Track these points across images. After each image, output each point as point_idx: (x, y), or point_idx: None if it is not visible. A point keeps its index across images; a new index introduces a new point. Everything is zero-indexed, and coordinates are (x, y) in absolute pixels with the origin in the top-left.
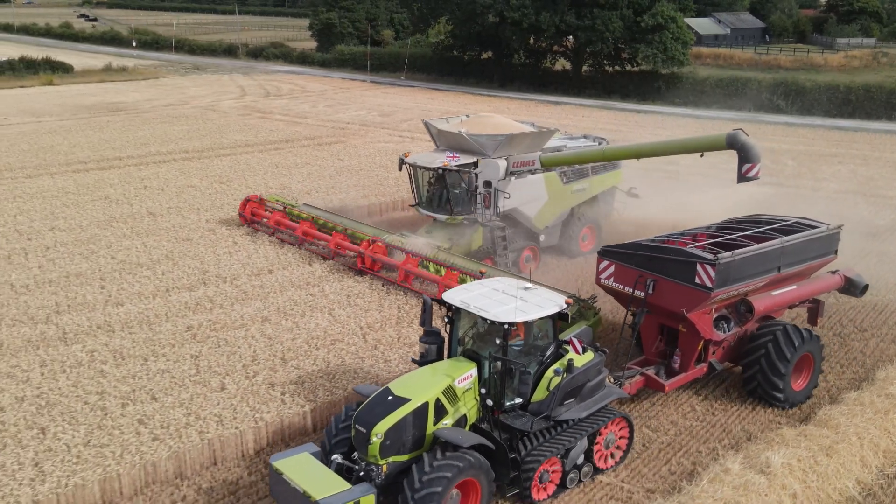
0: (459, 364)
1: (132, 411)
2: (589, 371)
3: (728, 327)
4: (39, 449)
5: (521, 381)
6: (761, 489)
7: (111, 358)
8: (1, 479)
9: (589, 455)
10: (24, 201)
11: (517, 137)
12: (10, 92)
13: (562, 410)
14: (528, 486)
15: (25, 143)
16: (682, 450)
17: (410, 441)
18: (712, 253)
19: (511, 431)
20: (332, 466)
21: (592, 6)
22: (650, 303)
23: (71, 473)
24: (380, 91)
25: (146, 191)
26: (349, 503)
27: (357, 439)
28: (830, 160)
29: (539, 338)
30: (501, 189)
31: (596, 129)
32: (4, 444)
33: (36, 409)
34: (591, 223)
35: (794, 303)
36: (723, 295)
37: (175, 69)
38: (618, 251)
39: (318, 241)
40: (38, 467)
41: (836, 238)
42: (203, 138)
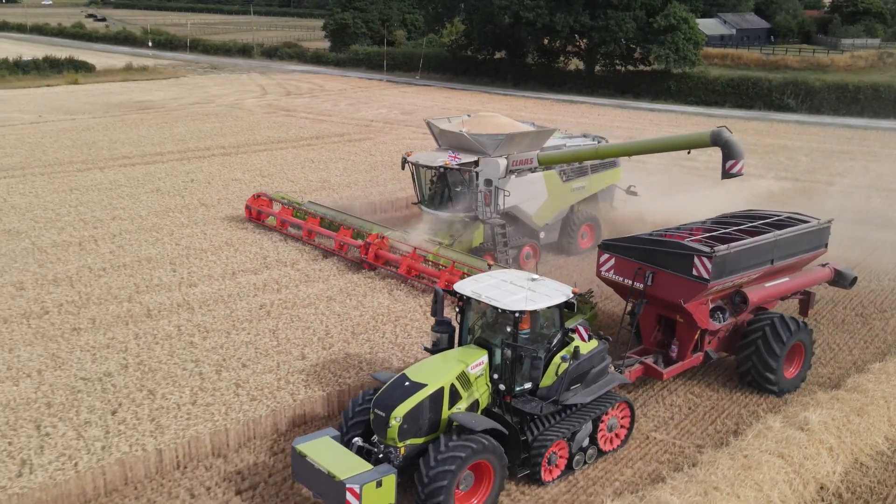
0: (471, 351)
1: (227, 376)
2: (593, 358)
3: (723, 317)
4: (153, 407)
5: (533, 367)
6: (801, 443)
7: (196, 332)
8: (125, 432)
9: (594, 438)
10: (81, 193)
11: (517, 137)
12: (38, 91)
13: (568, 395)
14: (538, 467)
15: (68, 140)
16: (724, 412)
17: (427, 424)
18: (709, 246)
19: (521, 415)
20: (353, 449)
21: (606, 7)
22: (649, 294)
23: (185, 427)
24: (397, 90)
25: (193, 184)
26: (372, 482)
27: (376, 423)
28: (842, 157)
29: (546, 326)
30: (502, 187)
31: (613, 128)
32: (120, 403)
33: (141, 374)
34: (590, 221)
35: (787, 294)
36: (719, 286)
37: (193, 69)
38: (618, 245)
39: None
40: (154, 422)
41: (826, 232)
42: (236, 135)
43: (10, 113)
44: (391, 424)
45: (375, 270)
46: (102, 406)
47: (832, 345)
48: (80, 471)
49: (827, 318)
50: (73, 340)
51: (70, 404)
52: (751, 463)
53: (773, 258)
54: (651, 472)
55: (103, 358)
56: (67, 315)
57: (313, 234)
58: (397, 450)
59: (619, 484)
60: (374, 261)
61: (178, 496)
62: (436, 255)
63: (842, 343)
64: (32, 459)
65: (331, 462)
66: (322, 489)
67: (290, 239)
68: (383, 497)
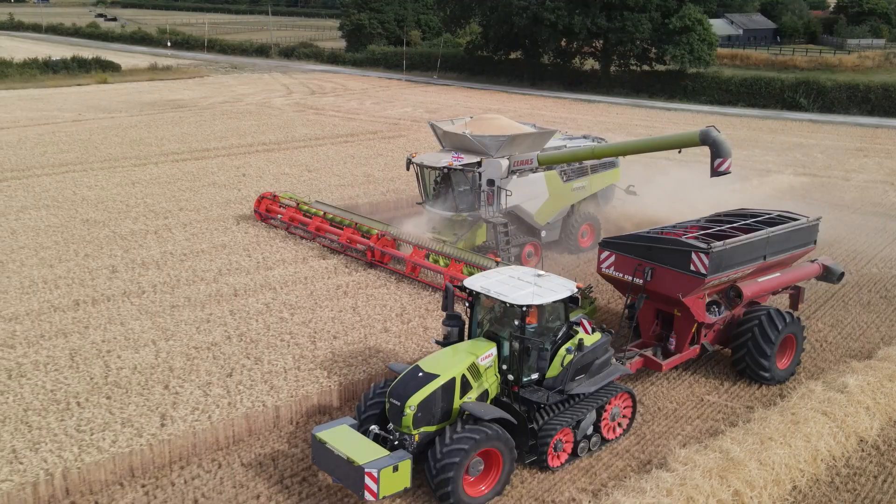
0: (481, 344)
1: (322, 346)
2: (597, 350)
3: (719, 311)
4: (263, 371)
5: (540, 358)
6: (841, 403)
7: (284, 308)
8: (244, 391)
9: (597, 426)
10: (143, 186)
11: (519, 138)
12: (70, 89)
13: (573, 385)
14: (545, 453)
15: (115, 137)
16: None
17: (439, 413)
18: (705, 242)
19: (528, 404)
20: (370, 436)
21: (622, 9)
22: (648, 289)
23: (295, 388)
24: (418, 89)
25: (246, 178)
26: (389, 467)
27: (391, 412)
28: (856, 154)
29: (552, 320)
30: (504, 187)
31: (632, 126)
32: (233, 368)
33: (244, 344)
34: (590, 220)
35: (778, 289)
36: (715, 281)
37: (215, 68)
38: (618, 242)
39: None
40: (267, 384)
41: (815, 229)
42: (274, 132)
43: (50, 111)
44: (406, 413)
45: (382, 267)
46: (218, 370)
47: (861, 323)
48: (213, 422)
49: (854, 299)
50: (175, 315)
51: (189, 368)
52: (798, 419)
53: (766, 254)
54: (709, 428)
55: (206, 330)
56: (163, 294)
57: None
58: (411, 437)
59: (682, 437)
60: (379, 259)
61: (297, 446)
62: (437, 254)
63: (869, 321)
64: (170, 413)
65: (350, 448)
66: (341, 474)
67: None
68: (399, 481)
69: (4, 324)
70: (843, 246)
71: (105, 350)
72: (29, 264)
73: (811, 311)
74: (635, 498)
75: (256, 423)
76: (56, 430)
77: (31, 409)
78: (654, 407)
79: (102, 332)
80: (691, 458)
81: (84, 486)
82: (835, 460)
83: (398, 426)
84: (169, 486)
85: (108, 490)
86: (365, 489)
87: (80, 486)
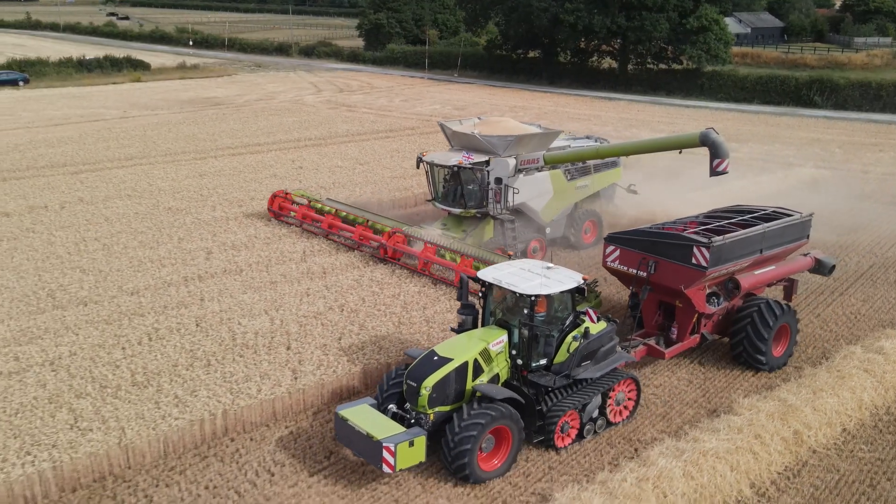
0: (492, 331)
1: (416, 315)
2: (602, 337)
3: (718, 302)
4: (370, 335)
5: (548, 345)
6: (880, 363)
7: (373, 284)
8: (356, 353)
9: (602, 410)
10: (210, 178)
11: (525, 138)
12: (105, 88)
13: (579, 371)
14: (552, 434)
15: (169, 133)
16: (810, 346)
17: (453, 394)
18: (706, 237)
19: (537, 388)
20: (388, 415)
21: (641, 9)
22: (652, 281)
23: (399, 350)
24: (442, 87)
25: (302, 171)
26: (405, 442)
27: (409, 392)
28: (872, 148)
29: (560, 309)
30: (511, 185)
31: (654, 123)
32: (342, 333)
33: (346, 315)
34: (593, 217)
35: (773, 281)
36: (715, 273)
37: (239, 67)
38: (622, 237)
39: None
40: (376, 345)
41: (808, 225)
42: (316, 128)
43: (95, 109)
44: (422, 393)
45: (396, 262)
46: (330, 334)
47: (889, 298)
48: (338, 375)
49: (882, 279)
50: (277, 290)
51: (302, 333)
52: (843, 375)
53: (763, 248)
54: (765, 384)
55: (309, 302)
56: (260, 272)
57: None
58: (427, 416)
59: (742, 390)
60: (392, 256)
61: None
62: (450, 251)
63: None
64: (299, 368)
65: (370, 425)
66: (362, 448)
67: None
68: (414, 455)
69: (129, 297)
70: (866, 232)
71: (226, 318)
72: (132, 246)
73: (843, 287)
74: (712, 435)
75: (373, 378)
76: (206, 380)
77: (178, 364)
78: (718, 364)
79: (218, 303)
80: (754, 405)
81: (239, 426)
82: (877, 409)
83: (415, 406)
84: (308, 427)
85: (258, 430)
86: (383, 462)
87: (237, 426)
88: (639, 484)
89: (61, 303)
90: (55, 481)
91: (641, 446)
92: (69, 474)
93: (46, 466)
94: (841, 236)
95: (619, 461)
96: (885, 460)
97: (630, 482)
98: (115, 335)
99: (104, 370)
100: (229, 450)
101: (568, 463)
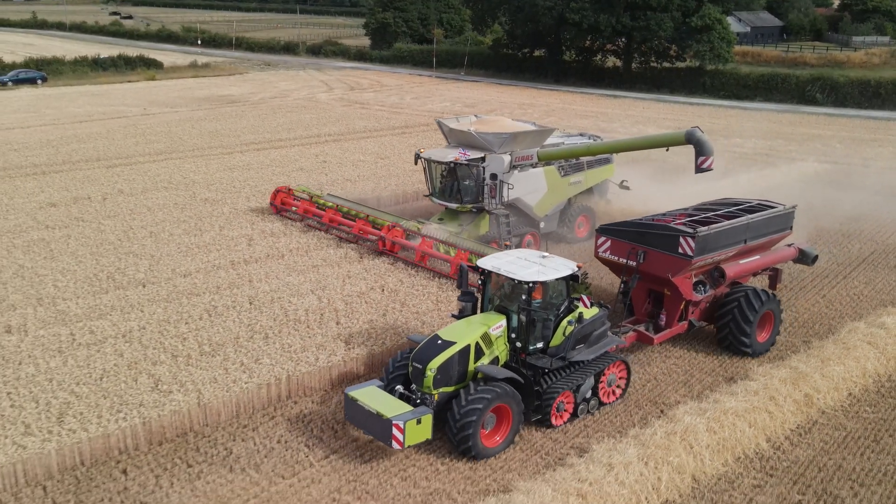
0: (492, 316)
1: (416, 303)
2: (595, 322)
3: (704, 290)
4: (412, 311)
5: (544, 329)
6: (882, 336)
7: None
8: (401, 326)
9: (595, 391)
10: (240, 171)
11: (520, 135)
12: (122, 86)
13: (574, 353)
14: (548, 413)
15: (192, 129)
16: (817, 323)
17: (456, 375)
18: (692, 228)
19: (534, 369)
20: (395, 395)
21: (646, 9)
22: (641, 270)
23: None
24: (450, 85)
25: (326, 164)
26: (413, 420)
27: (414, 374)
28: (871, 144)
29: (555, 296)
30: (506, 181)
31: (659, 120)
32: (386, 310)
33: (388, 294)
34: (585, 212)
35: (758, 270)
36: (701, 262)
37: (249, 66)
38: (613, 228)
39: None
40: (418, 318)
41: (791, 216)
42: (334, 124)
43: (116, 106)
44: (427, 375)
45: (394, 255)
46: (374, 311)
47: (890, 280)
48: (387, 346)
49: (883, 263)
50: (319, 272)
51: (349, 311)
52: (849, 346)
53: (746, 238)
54: (777, 355)
55: (351, 283)
56: (301, 256)
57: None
58: (432, 396)
59: (756, 360)
60: (390, 249)
61: None
62: (447, 244)
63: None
64: (350, 341)
65: (379, 404)
66: (371, 427)
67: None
68: (422, 432)
69: (183, 278)
70: (868, 221)
71: (276, 297)
72: (176, 234)
73: (847, 271)
74: (731, 397)
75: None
76: (267, 350)
77: (239, 336)
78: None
79: (266, 284)
80: (768, 372)
81: (301, 390)
82: (879, 376)
83: (420, 387)
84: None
85: (317, 393)
86: (392, 439)
87: (299, 390)
88: (667, 437)
89: (121, 284)
90: (144, 436)
91: (667, 407)
92: (156, 429)
93: (137, 422)
94: (843, 225)
95: (647, 419)
96: (887, 420)
97: (660, 436)
98: (176, 312)
99: (173, 342)
100: (294, 410)
101: (601, 422)
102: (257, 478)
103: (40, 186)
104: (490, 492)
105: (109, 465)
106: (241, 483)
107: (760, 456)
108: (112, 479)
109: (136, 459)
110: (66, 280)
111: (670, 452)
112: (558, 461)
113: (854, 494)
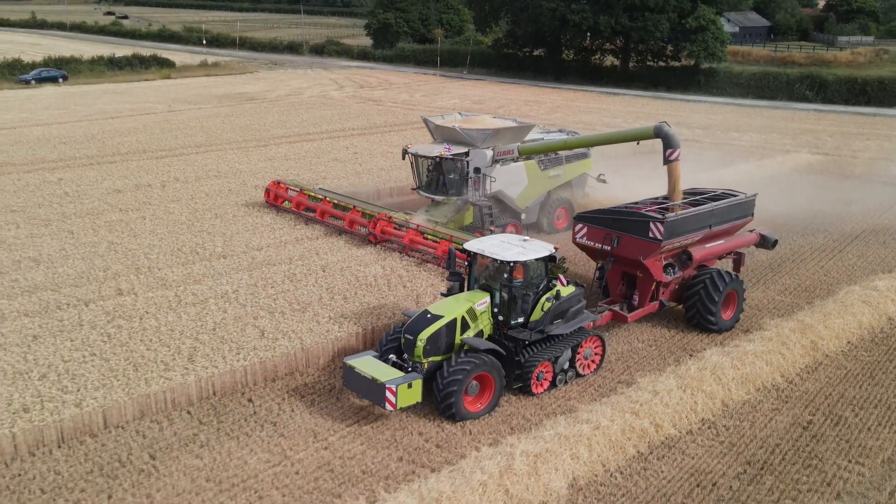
0: (477, 293)
1: None
2: (571, 299)
3: (673, 272)
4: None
5: (525, 304)
6: (875, 297)
7: None
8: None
9: (573, 363)
10: (279, 162)
11: (502, 131)
12: (139, 84)
13: (552, 328)
14: (528, 382)
15: (222, 124)
16: (818, 287)
17: (444, 346)
18: (661, 214)
19: (515, 342)
20: (389, 363)
21: (643, 10)
22: (615, 254)
23: None
24: (455, 83)
25: (357, 156)
26: (405, 384)
27: (406, 345)
28: (859, 137)
29: (534, 275)
30: (488, 174)
31: (659, 116)
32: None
33: (400, 277)
34: (564, 204)
35: (723, 254)
36: (669, 246)
37: (257, 65)
38: (589, 216)
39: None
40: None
41: (751, 204)
42: (355, 119)
43: (140, 104)
44: (417, 345)
45: (384, 244)
46: (434, 278)
47: (880, 255)
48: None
49: (873, 240)
50: (363, 249)
51: (410, 277)
52: (845, 305)
53: (711, 224)
54: (785, 312)
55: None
56: (346, 236)
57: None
58: (422, 364)
59: (768, 314)
60: (380, 235)
61: None
62: (434, 232)
63: (886, 253)
64: (419, 301)
65: (374, 371)
66: (366, 391)
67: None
68: (412, 395)
69: (256, 251)
70: (859, 205)
71: (345, 266)
72: (239, 215)
73: (841, 247)
74: (749, 343)
75: None
76: (349, 307)
77: (322, 297)
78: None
79: (334, 255)
80: (779, 323)
81: None
82: (873, 328)
83: (411, 356)
84: None
85: None
86: (386, 401)
87: None
88: (699, 372)
89: (204, 256)
90: (261, 373)
91: (696, 352)
92: (269, 368)
93: (255, 361)
94: (836, 208)
95: (681, 360)
96: (880, 362)
97: (693, 371)
98: (262, 278)
99: (266, 300)
100: None
101: (640, 362)
102: (360, 404)
103: (101, 175)
104: (559, 413)
105: (237, 395)
106: (350, 407)
107: (776, 387)
108: (241, 405)
109: (257, 391)
110: (154, 254)
111: (703, 383)
112: (611, 391)
113: (855, 415)
